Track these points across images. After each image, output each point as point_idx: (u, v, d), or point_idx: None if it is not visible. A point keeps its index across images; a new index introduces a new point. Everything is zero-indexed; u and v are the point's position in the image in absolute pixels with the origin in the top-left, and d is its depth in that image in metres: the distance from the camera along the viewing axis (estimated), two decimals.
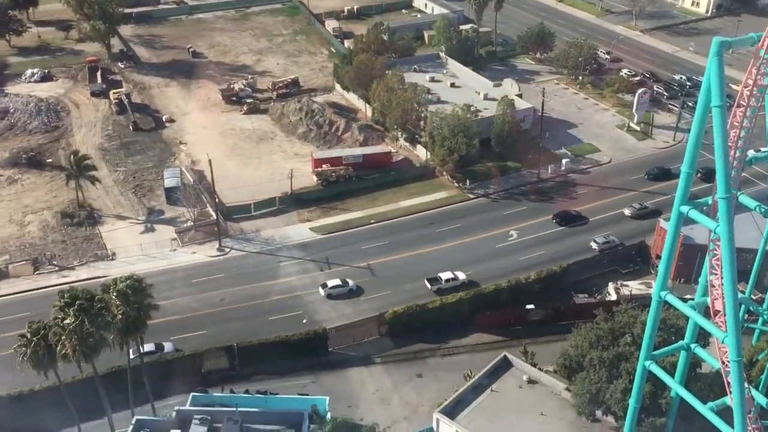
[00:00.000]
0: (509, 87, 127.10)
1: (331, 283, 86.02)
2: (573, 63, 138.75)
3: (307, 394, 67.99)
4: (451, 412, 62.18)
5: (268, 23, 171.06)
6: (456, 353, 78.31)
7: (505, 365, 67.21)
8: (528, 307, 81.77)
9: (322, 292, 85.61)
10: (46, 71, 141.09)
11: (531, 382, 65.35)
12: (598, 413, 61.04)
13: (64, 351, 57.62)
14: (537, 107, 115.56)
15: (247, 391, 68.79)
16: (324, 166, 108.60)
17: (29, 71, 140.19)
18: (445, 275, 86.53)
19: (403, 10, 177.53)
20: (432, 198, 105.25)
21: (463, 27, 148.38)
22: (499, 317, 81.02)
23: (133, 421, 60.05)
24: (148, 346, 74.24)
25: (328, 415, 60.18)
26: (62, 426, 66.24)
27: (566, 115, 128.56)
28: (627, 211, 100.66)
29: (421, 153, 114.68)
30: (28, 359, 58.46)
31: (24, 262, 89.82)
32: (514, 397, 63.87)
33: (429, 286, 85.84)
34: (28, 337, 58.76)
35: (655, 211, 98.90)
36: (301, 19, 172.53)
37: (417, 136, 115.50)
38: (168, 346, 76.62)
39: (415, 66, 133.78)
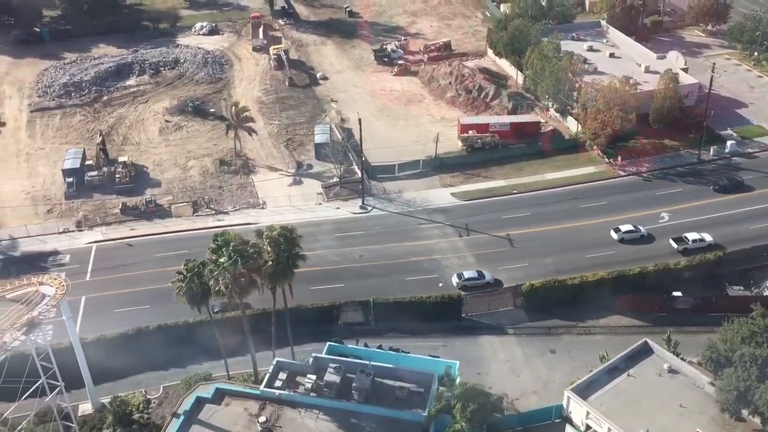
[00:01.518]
0: (674, 60, 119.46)
1: (624, 228, 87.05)
2: (749, 37, 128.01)
3: (438, 357, 68.76)
4: (584, 392, 60.72)
5: None
6: (592, 333, 76.21)
7: (644, 351, 64.48)
8: (675, 294, 77.75)
9: (615, 235, 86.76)
10: (214, 25, 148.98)
11: (672, 371, 62.33)
12: (744, 412, 57.40)
13: (217, 287, 61.55)
14: (704, 83, 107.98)
15: (380, 347, 70.64)
16: (470, 131, 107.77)
17: (198, 24, 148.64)
18: (692, 235, 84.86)
19: None
20: (579, 172, 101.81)
21: None
22: (642, 301, 77.78)
23: (274, 362, 63.53)
24: (470, 273, 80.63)
25: (458, 380, 60.58)
26: (210, 359, 71.27)
27: (736, 93, 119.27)
28: None
29: (572, 125, 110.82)
30: (184, 293, 63.03)
31: (185, 203, 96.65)
32: (652, 385, 61.28)
33: (675, 245, 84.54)
34: (185, 273, 63.28)
35: None
36: None
37: (569, 107, 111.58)
38: (488, 276, 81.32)
39: (573, 34, 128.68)
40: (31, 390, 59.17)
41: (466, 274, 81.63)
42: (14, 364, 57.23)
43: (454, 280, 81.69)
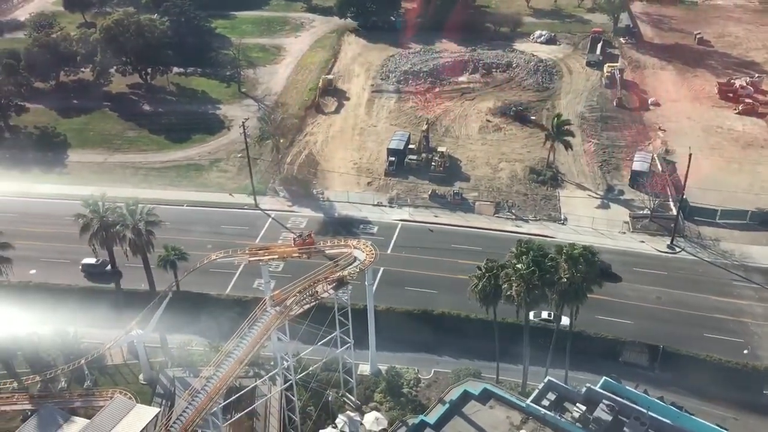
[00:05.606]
0: None
1: None
2: None
3: (727, 430, 61.63)
4: None
5: None
6: None
7: None
8: None
9: None
10: (552, 34, 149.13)
11: None
12: None
13: (509, 292, 62.12)
14: None
15: (661, 398, 65.31)
16: None
17: (537, 32, 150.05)
18: None
19: None
20: None
21: None
22: None
23: (546, 380, 62.25)
24: None
25: None
26: (482, 358, 72.43)
27: None
28: None
29: None
30: (478, 291, 64.44)
31: (489, 202, 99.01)
32: None
33: None
34: (483, 271, 64.76)
35: None
36: None
37: None
38: None
39: None
40: (326, 339, 65.67)
41: None
42: (318, 313, 63.88)
43: None
